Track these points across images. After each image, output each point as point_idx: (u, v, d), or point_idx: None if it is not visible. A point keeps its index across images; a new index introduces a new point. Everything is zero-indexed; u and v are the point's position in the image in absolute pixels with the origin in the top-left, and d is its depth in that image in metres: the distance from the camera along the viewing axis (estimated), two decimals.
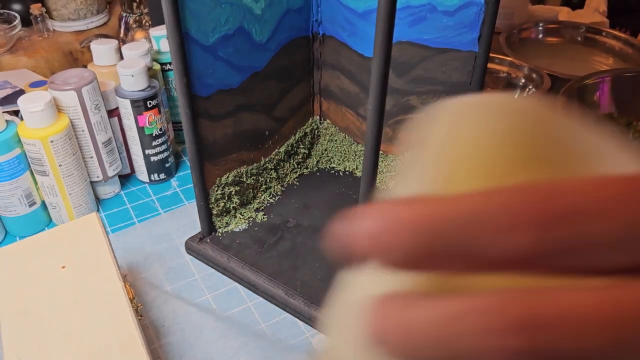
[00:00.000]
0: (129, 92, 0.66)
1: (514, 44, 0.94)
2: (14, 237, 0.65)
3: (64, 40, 0.90)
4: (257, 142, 0.64)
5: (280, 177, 0.69)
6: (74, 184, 0.63)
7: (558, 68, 0.82)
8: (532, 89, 0.79)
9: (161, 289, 0.58)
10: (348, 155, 0.72)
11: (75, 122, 0.63)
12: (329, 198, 0.67)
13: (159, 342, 0.52)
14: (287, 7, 0.60)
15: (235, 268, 0.58)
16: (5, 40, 0.84)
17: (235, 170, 0.62)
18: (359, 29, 0.62)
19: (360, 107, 0.68)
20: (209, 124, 0.56)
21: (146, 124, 0.68)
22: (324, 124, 0.73)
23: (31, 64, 0.84)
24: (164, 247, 0.63)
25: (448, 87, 0.58)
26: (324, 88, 0.70)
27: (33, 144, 0.59)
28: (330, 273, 0.56)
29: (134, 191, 0.73)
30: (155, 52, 0.74)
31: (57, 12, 0.91)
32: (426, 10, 0.55)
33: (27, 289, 0.46)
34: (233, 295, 0.57)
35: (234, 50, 0.55)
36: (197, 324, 0.54)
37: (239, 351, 0.51)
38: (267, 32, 0.58)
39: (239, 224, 0.62)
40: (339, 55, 0.66)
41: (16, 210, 0.62)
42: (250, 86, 0.59)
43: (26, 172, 0.61)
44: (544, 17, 1.10)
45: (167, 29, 0.47)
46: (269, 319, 0.55)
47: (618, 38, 0.94)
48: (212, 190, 0.59)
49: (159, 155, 0.71)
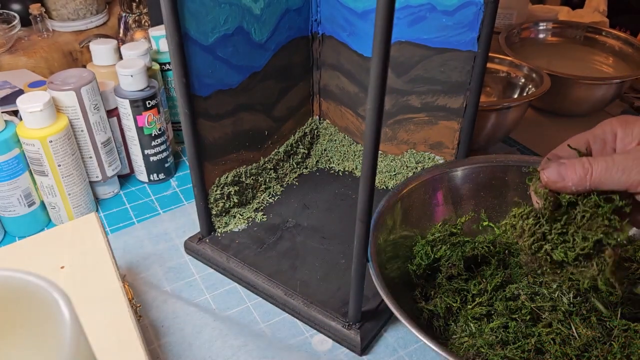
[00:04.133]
0: (128, 92, 0.66)
1: (513, 43, 0.94)
2: (13, 237, 0.64)
3: (63, 40, 0.90)
4: (256, 142, 0.64)
5: (280, 177, 0.69)
6: (73, 184, 0.63)
7: (558, 68, 0.82)
8: (532, 89, 0.79)
9: (160, 289, 0.58)
10: (347, 155, 0.72)
11: (75, 122, 0.63)
12: (329, 198, 0.67)
13: (158, 342, 0.52)
14: (286, 7, 0.60)
15: (234, 268, 0.58)
16: (5, 40, 0.84)
17: (235, 170, 0.62)
18: (358, 28, 0.62)
19: (360, 106, 0.68)
20: (208, 124, 0.56)
21: (145, 124, 0.68)
22: (323, 124, 0.73)
23: (30, 64, 0.84)
24: (163, 247, 0.63)
25: (447, 87, 0.58)
26: (323, 88, 0.70)
27: (32, 144, 0.59)
28: (329, 273, 0.56)
29: (133, 191, 0.73)
30: (154, 52, 0.74)
31: (56, 12, 0.91)
32: (425, 10, 0.55)
33: None
34: (232, 295, 0.57)
35: (233, 50, 0.55)
36: (196, 324, 0.54)
37: (238, 351, 0.51)
38: (266, 32, 0.58)
39: (238, 224, 0.62)
40: (338, 55, 0.66)
41: (15, 210, 0.62)
42: (249, 86, 0.59)
43: (25, 172, 0.61)
44: (544, 16, 1.10)
45: (166, 29, 0.47)
46: (268, 319, 0.55)
47: (618, 38, 0.94)
48: (211, 190, 0.59)
49: (158, 155, 0.71)
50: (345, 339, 0.51)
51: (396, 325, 0.54)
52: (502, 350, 0.44)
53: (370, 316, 0.52)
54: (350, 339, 0.51)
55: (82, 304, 0.45)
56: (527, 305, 0.46)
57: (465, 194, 0.55)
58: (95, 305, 0.45)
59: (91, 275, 0.47)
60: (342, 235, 0.61)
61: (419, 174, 0.54)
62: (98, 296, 0.45)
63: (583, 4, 1.14)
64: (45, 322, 0.23)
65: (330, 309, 0.52)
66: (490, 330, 0.45)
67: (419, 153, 0.65)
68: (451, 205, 0.55)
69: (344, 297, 0.53)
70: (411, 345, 0.52)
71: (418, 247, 0.52)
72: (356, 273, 0.46)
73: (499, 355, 0.43)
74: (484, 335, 0.45)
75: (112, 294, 0.46)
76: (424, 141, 0.64)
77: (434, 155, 0.64)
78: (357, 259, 0.45)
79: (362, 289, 0.48)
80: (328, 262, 0.58)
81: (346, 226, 0.62)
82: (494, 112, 0.71)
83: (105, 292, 0.46)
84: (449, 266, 0.50)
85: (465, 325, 0.47)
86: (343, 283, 0.55)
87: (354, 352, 0.51)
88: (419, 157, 0.65)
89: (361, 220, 0.42)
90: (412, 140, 0.65)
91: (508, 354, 0.43)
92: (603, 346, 0.42)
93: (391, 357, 0.51)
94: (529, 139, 0.82)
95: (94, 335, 0.42)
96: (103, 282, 0.47)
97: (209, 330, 0.53)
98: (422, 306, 0.49)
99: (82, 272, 0.47)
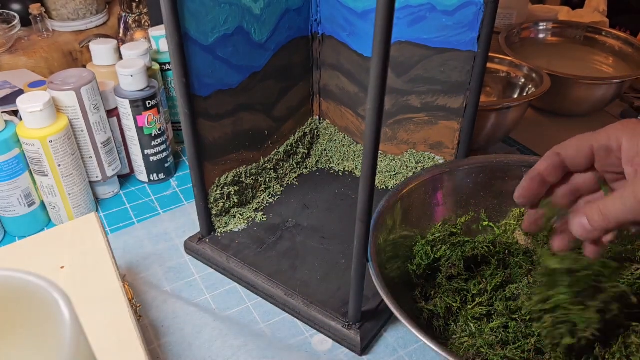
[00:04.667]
0: (128, 92, 0.66)
1: (513, 43, 0.94)
2: (13, 237, 0.64)
3: (63, 40, 0.90)
4: (256, 142, 0.64)
5: (280, 177, 0.69)
6: (73, 184, 0.63)
7: (558, 68, 0.82)
8: (532, 89, 0.79)
9: (160, 289, 0.58)
10: (347, 155, 0.72)
11: (75, 122, 0.63)
12: (329, 198, 0.67)
13: (158, 342, 0.52)
14: (286, 7, 0.60)
15: (234, 268, 0.58)
16: (5, 40, 0.84)
17: (235, 170, 0.62)
18: (358, 28, 0.62)
19: (360, 106, 0.68)
20: (208, 124, 0.56)
21: (145, 124, 0.68)
22: (323, 124, 0.73)
23: (30, 64, 0.84)
24: (163, 247, 0.63)
25: (447, 87, 0.58)
26: (323, 88, 0.70)
27: (32, 144, 0.59)
28: (329, 273, 0.56)
29: (133, 191, 0.73)
30: (154, 52, 0.74)
31: (56, 12, 0.91)
32: (425, 10, 0.55)
33: None
34: (232, 295, 0.57)
35: (233, 50, 0.55)
36: (196, 324, 0.54)
37: (238, 351, 0.51)
38: (266, 32, 0.58)
39: (238, 224, 0.62)
40: (338, 55, 0.66)
41: (15, 210, 0.62)
42: (249, 86, 0.59)
43: (25, 172, 0.61)
44: (544, 16, 1.10)
45: (166, 29, 0.47)
46: (268, 319, 0.55)
47: (618, 38, 0.94)
48: (211, 190, 0.59)
49: (158, 155, 0.71)
50: (345, 339, 0.51)
51: (396, 325, 0.54)
52: (502, 350, 0.44)
53: (370, 316, 0.52)
54: (350, 339, 0.51)
55: (82, 304, 0.45)
56: (527, 305, 0.46)
57: (465, 194, 0.55)
58: (95, 306, 0.44)
59: (91, 275, 0.47)
60: (342, 235, 0.61)
61: (419, 174, 0.54)
62: (98, 296, 0.45)
63: (583, 4, 1.14)
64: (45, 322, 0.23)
65: (330, 309, 0.52)
66: (490, 330, 0.45)
67: (419, 153, 0.65)
68: (451, 205, 0.55)
69: (344, 297, 0.53)
70: (411, 345, 0.52)
71: (418, 247, 0.52)
72: (356, 273, 0.46)
73: (499, 355, 0.43)
74: (484, 335, 0.45)
75: (112, 294, 0.46)
76: (424, 141, 0.64)
77: (434, 155, 0.64)
78: (357, 259, 0.45)
79: (362, 289, 0.48)
80: (328, 262, 0.58)
81: (346, 226, 0.62)
82: (494, 112, 0.71)
83: (105, 292, 0.46)
84: (449, 266, 0.50)
85: (465, 325, 0.47)
86: (343, 283, 0.55)
87: (354, 352, 0.51)
88: (419, 157, 0.65)
89: (361, 220, 0.42)
90: (412, 140, 0.65)
91: (508, 354, 0.43)
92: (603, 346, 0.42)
93: (391, 357, 0.51)
94: (529, 139, 0.82)
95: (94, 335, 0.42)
96: (103, 282, 0.47)
97: (209, 330, 0.53)
98: (422, 306, 0.49)
99: (82, 272, 0.47)
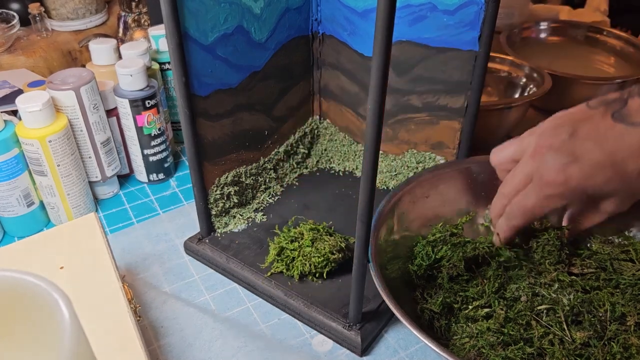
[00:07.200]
0: (128, 92, 0.65)
1: (514, 43, 0.94)
2: (13, 237, 0.64)
3: (63, 40, 0.89)
4: (256, 142, 0.63)
5: (280, 177, 0.68)
6: (73, 184, 0.63)
7: (559, 67, 0.82)
8: (533, 88, 0.78)
9: (160, 290, 0.58)
10: (348, 155, 0.71)
11: (74, 121, 0.62)
12: (329, 198, 0.66)
13: (157, 342, 0.52)
14: (286, 6, 0.60)
15: (234, 268, 0.58)
16: (4, 39, 0.84)
17: (235, 170, 0.61)
18: (359, 28, 0.62)
19: (360, 106, 0.68)
20: (208, 124, 0.56)
21: (145, 124, 0.67)
22: (323, 124, 0.73)
23: (30, 63, 0.84)
24: (162, 247, 0.63)
25: (448, 87, 0.58)
26: (323, 87, 0.70)
27: (31, 143, 0.58)
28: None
29: (133, 191, 0.72)
30: (154, 51, 0.74)
31: (55, 12, 0.90)
32: (426, 9, 0.55)
33: None
34: (232, 296, 0.57)
35: (233, 49, 0.55)
36: (196, 324, 0.53)
37: (238, 352, 0.51)
38: (266, 31, 0.58)
39: (238, 224, 0.62)
40: (338, 54, 0.66)
41: (14, 210, 0.62)
42: (249, 86, 0.59)
43: (24, 172, 0.61)
44: (545, 16, 1.10)
45: (166, 28, 0.47)
46: (268, 320, 0.54)
47: (619, 37, 0.94)
48: (211, 191, 0.59)
49: (158, 155, 0.71)
50: (346, 339, 0.51)
51: (397, 326, 0.54)
52: (504, 351, 0.43)
53: (371, 317, 0.52)
54: (351, 339, 0.50)
55: (82, 304, 0.45)
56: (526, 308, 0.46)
57: (466, 194, 0.55)
58: (95, 306, 0.44)
59: (90, 276, 0.47)
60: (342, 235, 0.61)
61: (419, 174, 0.54)
62: (97, 296, 0.45)
63: (584, 4, 1.14)
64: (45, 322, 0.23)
65: (331, 310, 0.52)
66: (491, 330, 0.45)
67: (420, 153, 0.65)
68: (452, 206, 0.55)
69: (344, 298, 0.53)
70: (412, 346, 0.52)
71: (419, 248, 0.52)
72: (357, 274, 0.46)
73: (500, 355, 0.43)
74: (485, 336, 0.45)
75: (111, 294, 0.45)
76: (425, 141, 0.64)
77: (434, 155, 0.64)
78: (357, 260, 0.45)
79: (363, 290, 0.48)
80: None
81: (347, 227, 0.62)
82: (495, 112, 0.71)
83: (104, 292, 0.46)
84: (450, 267, 0.50)
85: (466, 326, 0.46)
86: (343, 284, 0.55)
87: (355, 353, 0.51)
88: (419, 157, 0.65)
89: (362, 220, 0.42)
90: (413, 140, 0.65)
91: (509, 354, 0.43)
92: (603, 347, 0.42)
93: (392, 358, 0.51)
94: None
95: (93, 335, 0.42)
96: (102, 282, 0.46)
97: (209, 330, 0.53)
98: (423, 307, 0.48)
99: (81, 273, 0.47)
